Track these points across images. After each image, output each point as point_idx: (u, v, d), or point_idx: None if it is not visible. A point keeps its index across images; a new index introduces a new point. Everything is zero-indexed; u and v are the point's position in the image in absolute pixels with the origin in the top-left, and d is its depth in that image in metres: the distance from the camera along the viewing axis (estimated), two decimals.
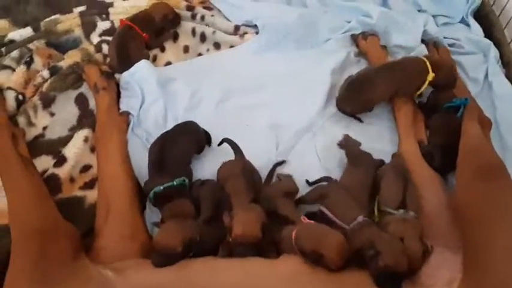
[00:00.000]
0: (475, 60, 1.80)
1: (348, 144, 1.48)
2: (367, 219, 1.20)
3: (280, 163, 1.45)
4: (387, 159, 1.45)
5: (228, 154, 1.40)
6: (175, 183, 1.27)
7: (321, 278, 1.08)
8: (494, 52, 1.80)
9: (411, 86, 1.58)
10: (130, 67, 1.61)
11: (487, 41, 1.84)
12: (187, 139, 1.40)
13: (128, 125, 1.50)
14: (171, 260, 1.11)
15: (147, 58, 1.67)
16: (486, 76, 1.76)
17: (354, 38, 1.81)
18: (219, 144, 1.43)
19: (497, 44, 1.84)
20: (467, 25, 1.94)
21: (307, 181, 1.40)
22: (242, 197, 1.26)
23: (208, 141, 1.47)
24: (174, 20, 1.78)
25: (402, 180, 1.31)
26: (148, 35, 1.71)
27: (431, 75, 1.54)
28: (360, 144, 1.48)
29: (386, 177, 1.34)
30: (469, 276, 1.06)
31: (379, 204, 1.31)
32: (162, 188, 1.26)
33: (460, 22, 1.96)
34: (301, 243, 1.12)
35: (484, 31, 1.90)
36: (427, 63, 1.55)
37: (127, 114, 1.52)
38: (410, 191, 1.30)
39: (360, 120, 1.59)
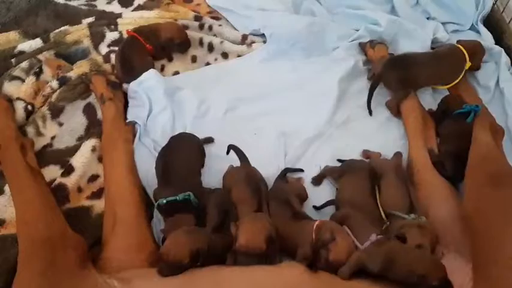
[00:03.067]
0: (485, 67, 1.78)
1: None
2: (380, 238, 1.15)
3: (297, 170, 1.45)
4: None
5: (237, 162, 1.40)
6: (178, 198, 1.26)
7: (325, 285, 1.07)
8: (505, 59, 1.78)
9: (452, 75, 1.63)
10: (134, 76, 1.62)
11: (498, 47, 1.81)
12: (189, 148, 1.40)
13: (134, 135, 1.50)
14: (177, 270, 1.10)
15: (152, 66, 1.67)
16: (497, 83, 1.74)
17: (362, 46, 1.80)
18: (227, 153, 1.43)
19: (508, 51, 1.82)
20: (478, 32, 1.93)
21: (314, 207, 1.38)
22: (247, 205, 1.26)
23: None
24: (181, 45, 1.76)
25: (404, 182, 1.29)
26: (153, 47, 1.71)
27: (468, 65, 1.61)
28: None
29: (386, 179, 1.32)
30: (480, 284, 1.05)
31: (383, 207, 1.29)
32: (165, 201, 1.26)
33: (470, 29, 1.95)
34: (322, 232, 1.14)
35: (494, 38, 1.88)
36: (464, 50, 1.61)
37: (133, 124, 1.52)
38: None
39: (370, 113, 1.62)
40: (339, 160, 1.47)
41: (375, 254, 1.10)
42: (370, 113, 1.63)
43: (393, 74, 1.60)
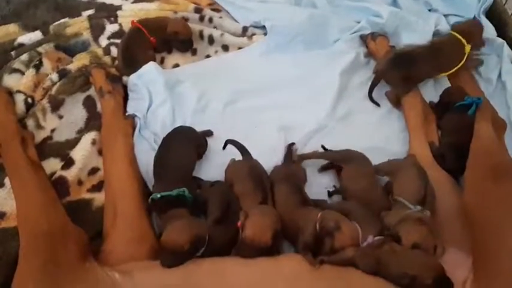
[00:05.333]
0: (488, 59, 1.78)
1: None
2: (376, 241, 1.14)
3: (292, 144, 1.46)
4: None
5: (237, 155, 1.40)
6: (173, 193, 1.26)
7: (325, 277, 1.08)
8: (507, 51, 1.77)
9: (453, 63, 1.64)
10: (135, 69, 1.61)
11: (500, 40, 1.81)
12: (187, 145, 1.39)
13: (133, 128, 1.49)
14: (179, 258, 1.10)
15: (154, 60, 1.66)
16: (499, 76, 1.73)
17: (363, 39, 1.79)
18: (223, 148, 1.42)
19: (511, 43, 1.81)
20: None
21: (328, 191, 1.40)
22: (251, 198, 1.25)
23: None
24: (184, 42, 1.75)
25: (424, 178, 1.27)
26: (156, 40, 1.71)
27: (468, 47, 1.62)
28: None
29: (406, 171, 1.30)
30: (480, 277, 1.06)
31: (393, 194, 1.28)
32: (159, 196, 1.25)
33: None
34: (325, 222, 1.15)
35: (497, 30, 1.87)
36: (459, 36, 1.62)
37: (132, 117, 1.52)
38: (430, 192, 1.26)
39: (377, 105, 1.62)
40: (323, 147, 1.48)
41: (367, 258, 1.10)
42: (377, 105, 1.63)
43: (396, 73, 1.59)
